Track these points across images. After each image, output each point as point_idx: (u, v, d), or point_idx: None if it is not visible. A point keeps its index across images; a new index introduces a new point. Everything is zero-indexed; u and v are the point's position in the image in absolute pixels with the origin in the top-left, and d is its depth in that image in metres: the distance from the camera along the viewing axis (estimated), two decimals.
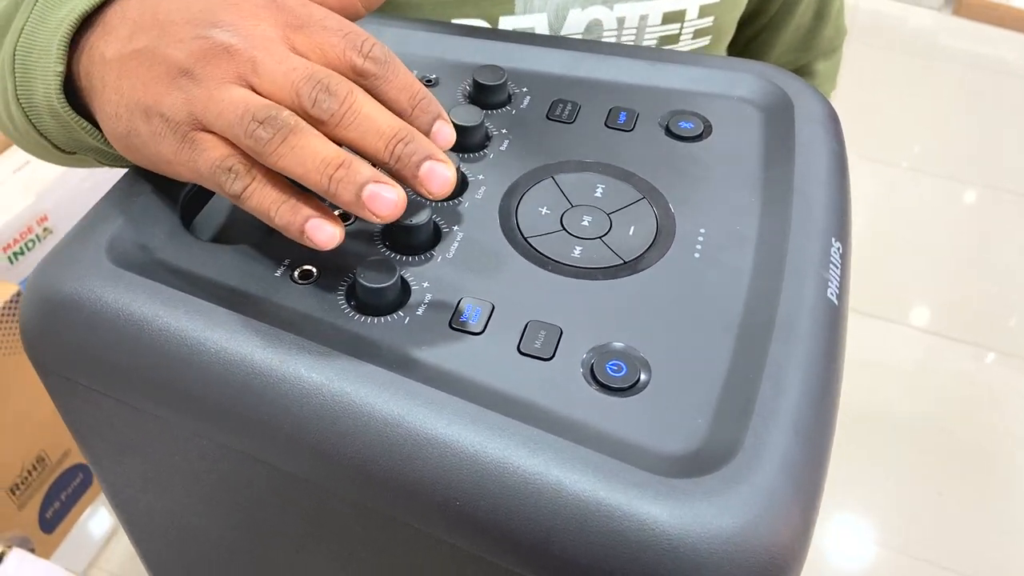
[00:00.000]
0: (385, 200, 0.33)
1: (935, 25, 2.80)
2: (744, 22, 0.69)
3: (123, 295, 0.34)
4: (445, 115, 0.37)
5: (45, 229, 1.32)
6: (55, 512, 1.33)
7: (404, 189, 0.34)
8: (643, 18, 0.58)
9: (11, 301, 1.15)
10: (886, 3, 2.83)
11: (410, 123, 0.35)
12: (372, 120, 0.34)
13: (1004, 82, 2.58)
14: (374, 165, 0.34)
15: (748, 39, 0.73)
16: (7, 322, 1.15)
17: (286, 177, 0.35)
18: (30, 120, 0.42)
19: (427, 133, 0.36)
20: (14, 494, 1.24)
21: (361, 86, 0.35)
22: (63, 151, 0.44)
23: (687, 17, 0.59)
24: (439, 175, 0.34)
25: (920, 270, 1.98)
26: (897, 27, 2.77)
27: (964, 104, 2.50)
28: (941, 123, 2.43)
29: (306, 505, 0.35)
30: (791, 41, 0.74)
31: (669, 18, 0.59)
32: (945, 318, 1.87)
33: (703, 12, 0.60)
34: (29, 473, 1.26)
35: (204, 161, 0.35)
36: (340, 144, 0.34)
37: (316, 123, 0.34)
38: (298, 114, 0.34)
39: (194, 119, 0.35)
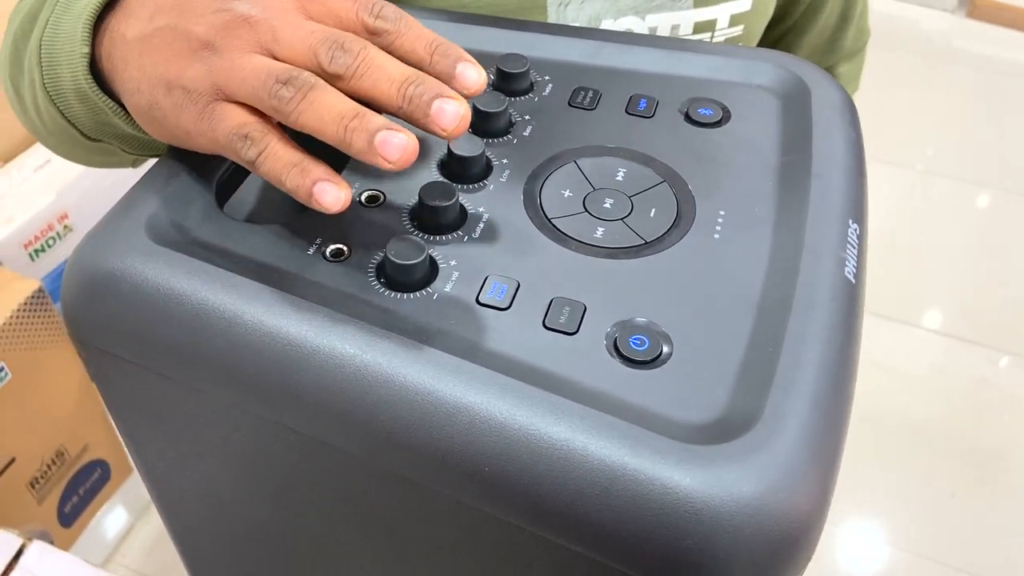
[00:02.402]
0: (396, 145, 0.34)
1: (949, 27, 2.80)
2: (768, 26, 0.70)
3: (162, 271, 0.35)
4: (468, 56, 0.37)
5: (65, 227, 1.34)
6: (73, 506, 1.34)
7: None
8: (674, 28, 0.59)
9: (32, 297, 1.16)
10: (899, 5, 2.84)
11: (431, 70, 0.37)
12: (384, 69, 0.35)
13: (1018, 84, 2.57)
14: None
15: (772, 42, 0.74)
16: (29, 318, 1.16)
17: (297, 147, 0.36)
18: (58, 108, 0.43)
19: (451, 76, 0.37)
20: (34, 488, 1.25)
21: (376, 45, 0.36)
22: (89, 138, 0.45)
23: (718, 26, 0.60)
24: (450, 111, 0.35)
25: (934, 273, 1.98)
26: (910, 29, 2.77)
27: (978, 106, 2.50)
28: (955, 125, 2.43)
29: (339, 475, 0.36)
30: (815, 44, 0.74)
31: (700, 27, 0.60)
32: (959, 321, 1.87)
33: (733, 21, 0.61)
34: (48, 467, 1.27)
35: (222, 130, 0.36)
36: (359, 100, 0.36)
37: (333, 79, 0.35)
38: (316, 74, 0.35)
39: (216, 89, 0.36)
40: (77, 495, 1.35)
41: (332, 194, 0.35)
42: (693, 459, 0.30)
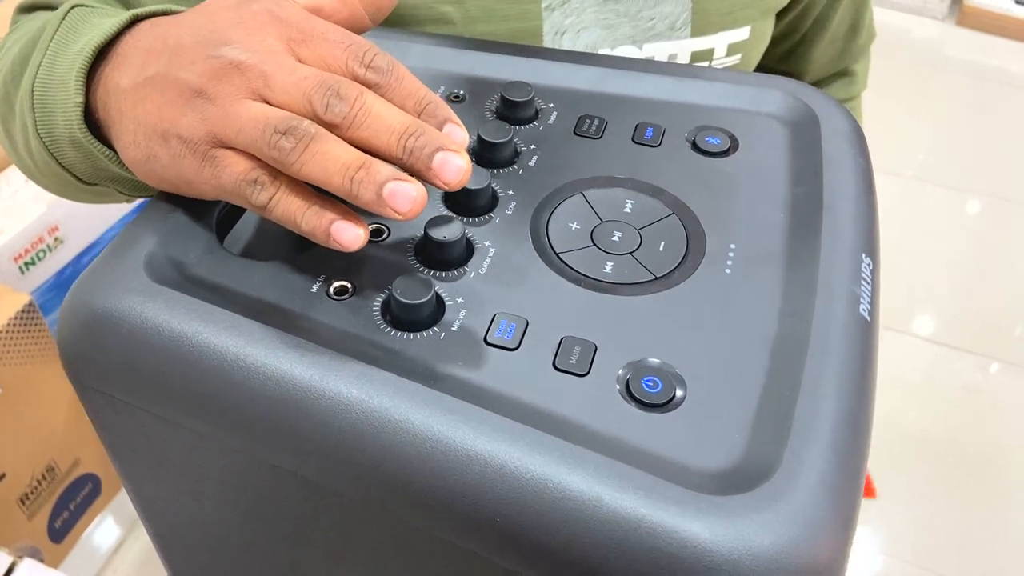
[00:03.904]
0: (405, 196, 0.33)
1: (939, 35, 2.81)
2: (775, 42, 0.70)
3: (162, 311, 0.34)
4: (455, 117, 0.37)
5: (56, 239, 1.33)
6: (64, 522, 1.33)
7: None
8: (672, 57, 0.59)
9: (23, 312, 1.15)
10: (890, 14, 2.84)
11: None
12: (382, 119, 0.35)
13: (1008, 92, 2.58)
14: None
15: (782, 55, 0.73)
16: (19, 332, 1.15)
17: (309, 185, 0.35)
18: (52, 154, 0.42)
19: None
20: (23, 504, 1.24)
21: None
22: (84, 183, 0.44)
23: (715, 56, 0.60)
24: (452, 165, 0.34)
25: (925, 279, 1.98)
26: (901, 37, 2.78)
27: (968, 114, 2.51)
28: (945, 133, 2.44)
29: (342, 520, 0.35)
30: (826, 54, 0.75)
31: (697, 57, 0.60)
32: (950, 328, 1.87)
33: (731, 50, 0.61)
34: (39, 483, 1.26)
35: (228, 176, 0.35)
36: (356, 147, 0.35)
37: (329, 127, 0.35)
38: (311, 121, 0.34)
39: (213, 137, 0.35)
40: (68, 510, 1.33)
41: (351, 232, 0.34)
42: (711, 510, 0.29)
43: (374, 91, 0.36)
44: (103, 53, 0.40)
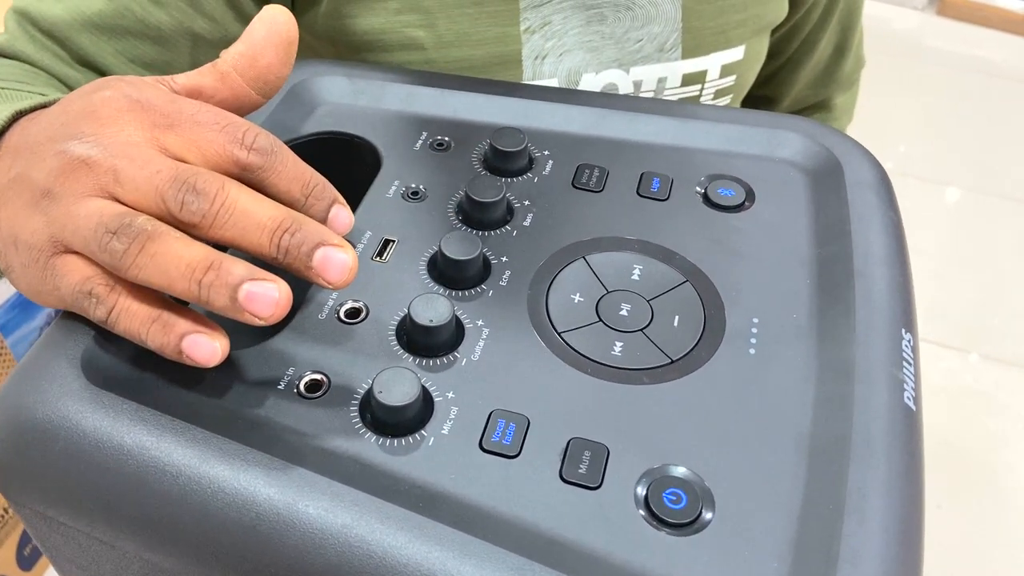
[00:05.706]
0: (264, 299, 0.29)
1: (919, 26, 2.78)
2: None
3: (103, 421, 0.30)
4: (341, 198, 0.34)
5: None
6: (33, 549, 1.28)
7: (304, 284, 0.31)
8: (661, 80, 0.55)
9: None
10: (870, 4, 2.80)
11: (305, 213, 0.32)
12: (250, 215, 0.30)
13: (988, 82, 2.56)
14: (267, 265, 0.30)
15: (766, 77, 0.69)
16: None
17: (154, 296, 0.31)
18: None
19: (324, 221, 0.33)
20: None
21: (247, 181, 0.31)
22: None
23: (708, 78, 0.56)
24: (335, 262, 0.30)
25: None
26: (881, 28, 2.75)
27: (949, 105, 2.49)
28: (925, 124, 2.42)
29: None
30: (810, 77, 0.71)
31: (689, 79, 0.56)
32: (939, 326, 1.85)
33: (725, 71, 0.57)
34: (6, 511, 1.21)
35: (66, 287, 0.31)
36: (224, 248, 0.31)
37: (188, 227, 0.30)
38: (167, 220, 0.30)
39: (55, 241, 0.31)
40: None
41: (205, 347, 0.30)
42: None
43: (257, 174, 0.32)
44: None
